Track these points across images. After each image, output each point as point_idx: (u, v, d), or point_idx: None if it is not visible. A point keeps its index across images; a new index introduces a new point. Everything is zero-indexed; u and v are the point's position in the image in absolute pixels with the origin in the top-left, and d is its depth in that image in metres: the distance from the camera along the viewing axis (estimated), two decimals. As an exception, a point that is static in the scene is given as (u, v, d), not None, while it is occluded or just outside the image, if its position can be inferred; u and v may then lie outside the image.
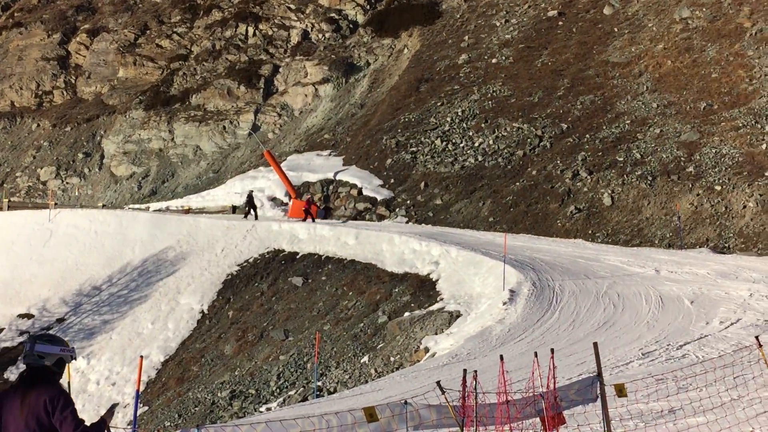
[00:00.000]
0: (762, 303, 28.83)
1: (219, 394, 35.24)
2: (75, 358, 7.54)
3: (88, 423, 7.14)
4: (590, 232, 44.38)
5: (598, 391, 10.72)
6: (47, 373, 7.11)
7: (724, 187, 44.18)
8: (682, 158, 46.87)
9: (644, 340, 24.58)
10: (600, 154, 48.87)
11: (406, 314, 35.06)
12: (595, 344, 11.13)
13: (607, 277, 34.12)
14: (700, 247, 41.32)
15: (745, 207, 42.96)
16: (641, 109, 52.03)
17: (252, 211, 50.99)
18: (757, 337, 12.25)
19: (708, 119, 49.48)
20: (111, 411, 7.55)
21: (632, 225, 43.83)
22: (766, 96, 49.44)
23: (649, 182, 45.79)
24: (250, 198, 51.66)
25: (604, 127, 51.17)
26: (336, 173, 54.14)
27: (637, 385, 14.31)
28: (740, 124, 47.95)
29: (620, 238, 43.36)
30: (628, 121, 51.19)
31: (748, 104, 49.51)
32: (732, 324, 26.10)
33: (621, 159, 47.89)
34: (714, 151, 46.68)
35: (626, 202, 45.42)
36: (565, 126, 52.21)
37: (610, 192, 46.04)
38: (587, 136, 50.76)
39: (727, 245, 41.27)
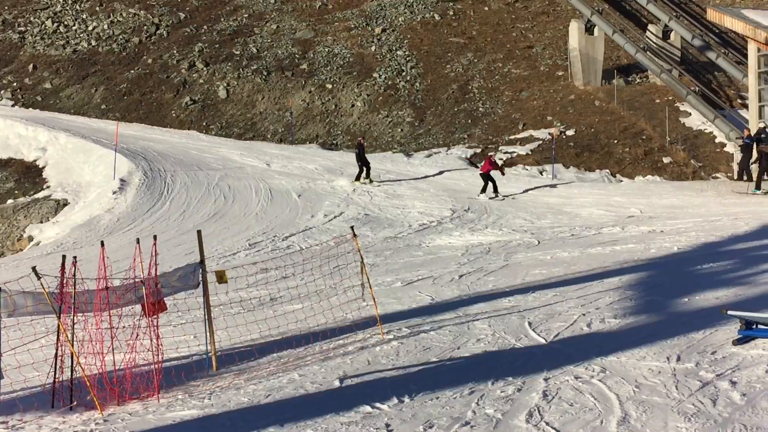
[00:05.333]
0: (363, 197, 30.55)
1: None
2: None
3: None
4: (204, 123, 44.44)
5: (200, 278, 10.90)
6: None
7: (335, 85, 45.77)
8: (297, 55, 47.89)
9: (252, 232, 25.34)
10: (217, 46, 48.76)
11: (9, 201, 33.64)
12: (199, 232, 11.28)
13: (219, 169, 34.51)
14: (310, 143, 42.72)
15: (353, 106, 44.83)
16: (259, 3, 52.32)
17: (365, 168, 33.89)
18: (352, 228, 12.95)
19: (323, 18, 50.78)
20: None
21: (246, 119, 44.40)
22: None
23: (264, 77, 46.43)
24: (360, 148, 34.64)
25: (222, 20, 51.02)
26: (-67, 49, 50.05)
27: (238, 272, 14.73)
28: (352, 26, 49.66)
29: (234, 131, 43.81)
30: (246, 15, 51.37)
31: (361, 6, 51.33)
32: (335, 217, 27.55)
33: (237, 52, 48.10)
34: (327, 50, 48.09)
35: (241, 95, 45.84)
36: (183, 15, 51.46)
37: (225, 85, 46.20)
38: (205, 27, 50.39)
39: (335, 142, 42.96)
